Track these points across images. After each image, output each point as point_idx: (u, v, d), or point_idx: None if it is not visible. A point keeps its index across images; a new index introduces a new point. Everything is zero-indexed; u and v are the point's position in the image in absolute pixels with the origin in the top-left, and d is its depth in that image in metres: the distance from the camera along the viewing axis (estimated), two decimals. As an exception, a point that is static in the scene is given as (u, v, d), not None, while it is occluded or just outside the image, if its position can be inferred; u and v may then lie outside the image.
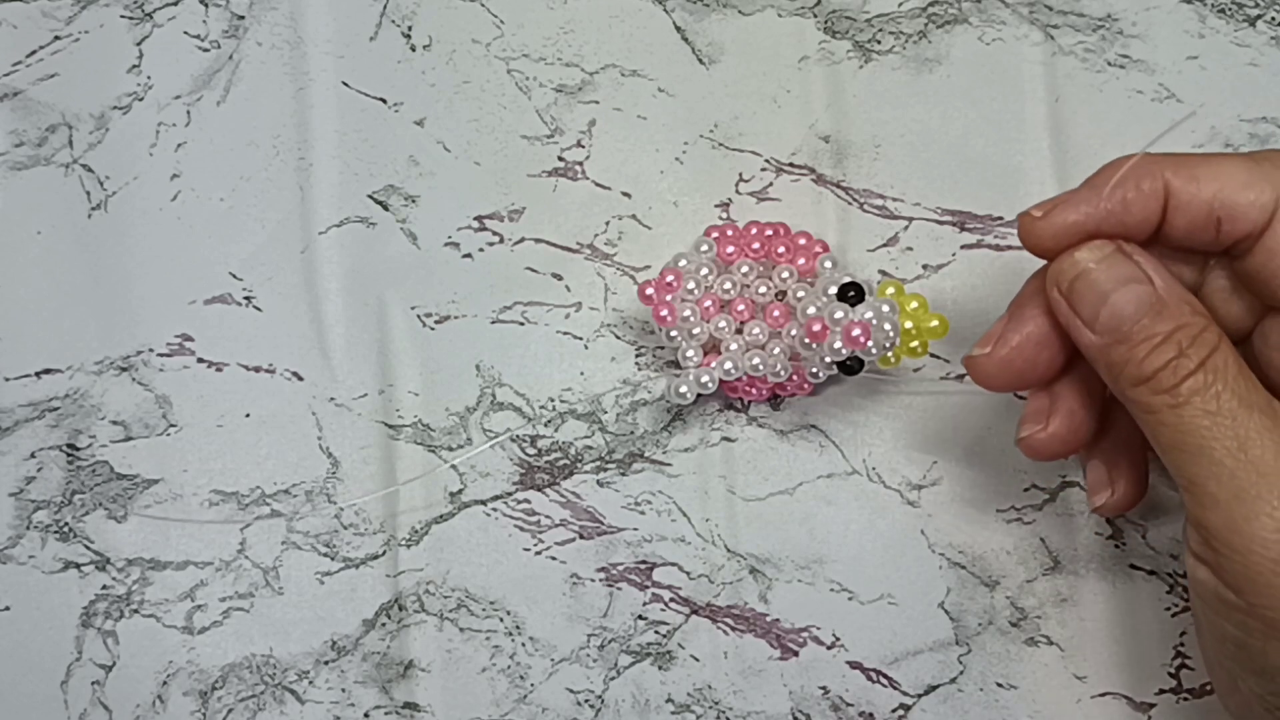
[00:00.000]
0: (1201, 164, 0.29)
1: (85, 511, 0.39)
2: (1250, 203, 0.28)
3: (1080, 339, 0.29)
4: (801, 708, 0.37)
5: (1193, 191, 0.29)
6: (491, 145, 0.40)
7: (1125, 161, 0.29)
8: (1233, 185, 0.28)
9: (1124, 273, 0.29)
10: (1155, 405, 0.28)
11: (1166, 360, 0.28)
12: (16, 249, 0.40)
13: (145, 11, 0.41)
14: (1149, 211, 0.29)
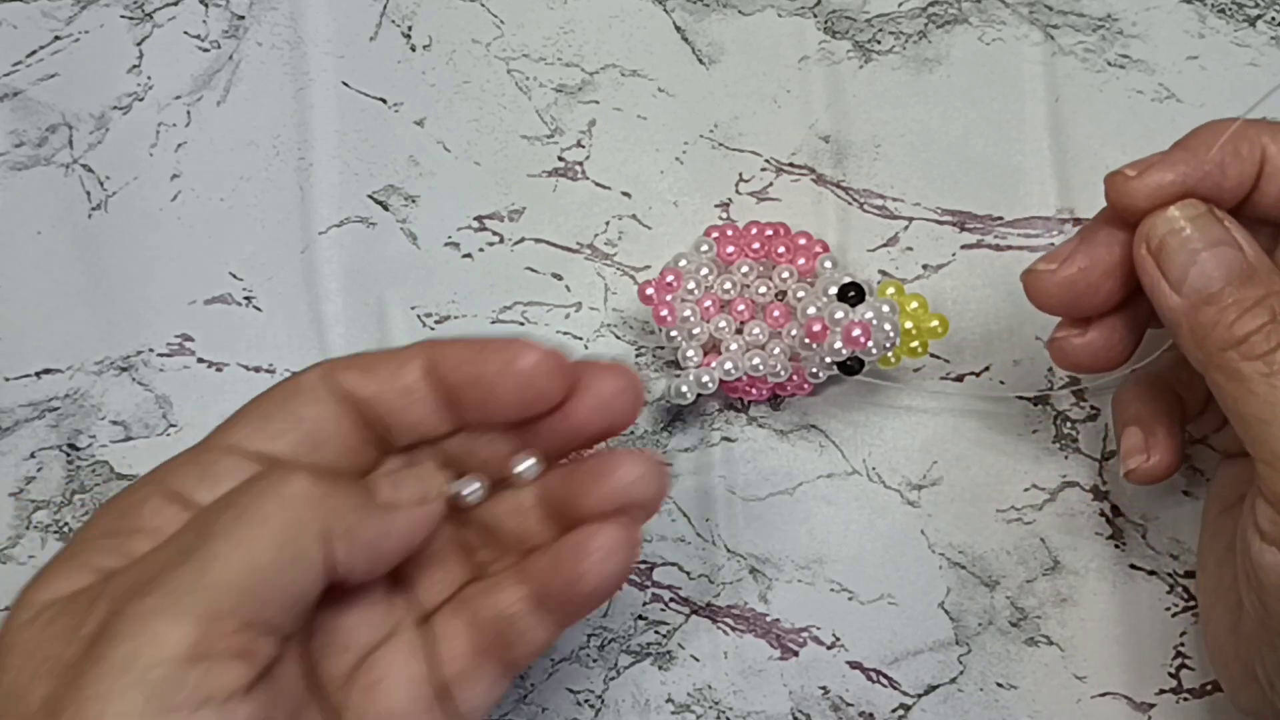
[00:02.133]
0: None
1: (85, 511, 0.39)
2: None
3: (1164, 302, 0.28)
4: (801, 708, 0.37)
5: None
6: (491, 145, 0.40)
7: (1224, 125, 0.29)
8: None
9: (1215, 234, 0.28)
10: (1246, 372, 0.27)
11: (1260, 324, 0.27)
12: (16, 249, 0.40)
13: (145, 11, 0.41)
14: (1245, 176, 0.28)
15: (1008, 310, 0.38)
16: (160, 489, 0.26)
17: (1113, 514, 0.37)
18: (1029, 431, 0.37)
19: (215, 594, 0.22)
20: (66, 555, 0.26)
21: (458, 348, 0.28)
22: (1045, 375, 0.37)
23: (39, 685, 0.22)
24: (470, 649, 0.28)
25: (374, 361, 0.28)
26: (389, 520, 0.26)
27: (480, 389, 0.27)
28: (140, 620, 0.22)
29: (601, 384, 0.28)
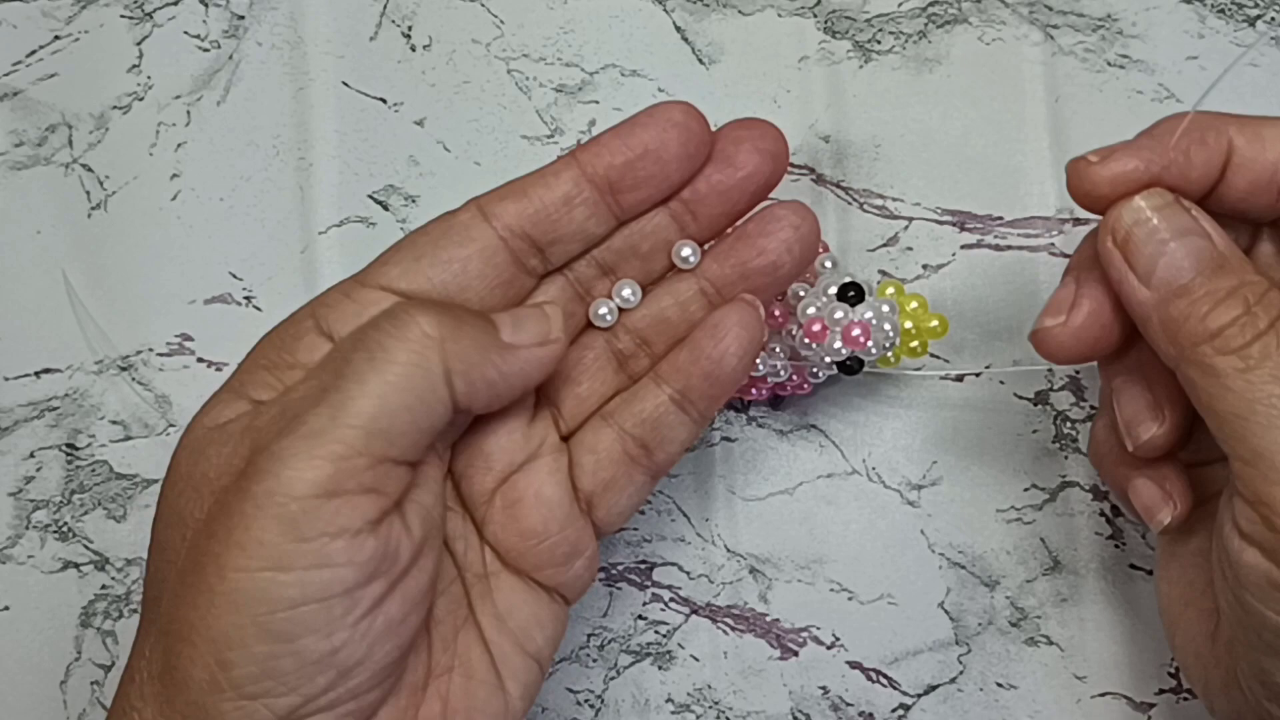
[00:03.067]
0: (1268, 125, 0.27)
1: (84, 511, 0.39)
2: None
3: (1132, 296, 0.27)
4: (801, 708, 0.37)
5: (1257, 151, 0.27)
6: (491, 145, 0.40)
7: (1185, 116, 0.28)
8: None
9: (1183, 224, 0.27)
10: (1221, 367, 0.26)
11: (1234, 316, 0.26)
12: (16, 249, 0.40)
13: (145, 11, 0.41)
14: (1210, 167, 0.28)
15: (1008, 310, 0.38)
16: (316, 325, 0.27)
17: (1113, 514, 0.37)
18: (1029, 431, 0.37)
19: (347, 435, 0.24)
20: (230, 385, 0.28)
21: (607, 138, 0.29)
22: (1045, 375, 0.37)
23: (198, 507, 0.25)
24: (615, 459, 0.30)
25: (527, 184, 0.29)
26: (507, 362, 0.27)
27: (645, 161, 0.29)
28: (279, 459, 0.24)
29: (742, 144, 0.29)
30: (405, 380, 0.25)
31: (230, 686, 0.24)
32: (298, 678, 0.24)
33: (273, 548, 0.24)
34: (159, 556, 0.27)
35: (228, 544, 0.24)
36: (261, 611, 0.24)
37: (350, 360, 0.25)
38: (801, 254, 0.30)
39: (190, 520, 0.26)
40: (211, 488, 0.26)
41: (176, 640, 0.25)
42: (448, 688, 0.29)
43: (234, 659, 0.24)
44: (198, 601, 0.24)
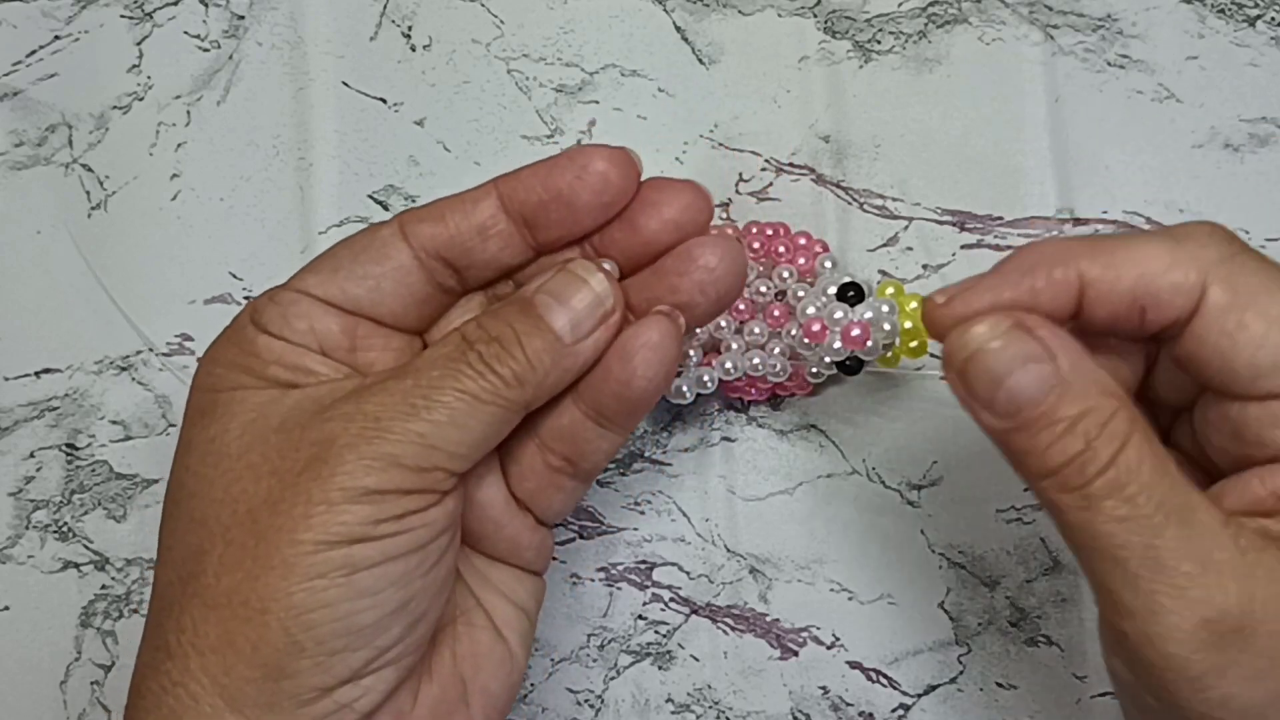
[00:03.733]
0: (1120, 248, 0.26)
1: (84, 511, 0.39)
2: (1175, 288, 0.25)
3: (982, 423, 0.27)
4: (801, 708, 0.37)
5: (1111, 280, 0.26)
6: (491, 145, 0.40)
7: (1040, 248, 0.27)
8: (1155, 270, 0.26)
9: (1023, 351, 0.26)
10: (1063, 504, 0.25)
11: (1073, 454, 0.25)
12: (16, 249, 0.40)
13: (145, 11, 0.41)
14: (1061, 302, 0.27)
15: (1008, 310, 0.38)
16: (258, 328, 0.29)
17: (1113, 514, 0.37)
18: (1029, 431, 0.37)
19: (433, 455, 0.27)
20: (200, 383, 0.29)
21: (526, 174, 0.29)
22: (1045, 375, 0.37)
23: (254, 486, 0.27)
24: (538, 470, 0.31)
25: (446, 207, 0.29)
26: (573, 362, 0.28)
27: (558, 205, 0.29)
28: (368, 461, 0.26)
29: (671, 197, 0.29)
30: (492, 421, 0.27)
31: (313, 643, 0.26)
32: (375, 630, 0.26)
33: (356, 527, 0.26)
34: (195, 531, 0.27)
35: (307, 523, 0.26)
36: (344, 573, 0.26)
37: (444, 386, 0.27)
38: (718, 295, 0.30)
39: (243, 498, 0.27)
40: (273, 468, 0.27)
41: (242, 610, 0.26)
42: (453, 638, 0.30)
43: (317, 619, 0.26)
44: (270, 575, 0.26)
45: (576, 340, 0.28)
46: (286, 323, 0.29)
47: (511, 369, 0.27)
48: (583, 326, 0.28)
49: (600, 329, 0.28)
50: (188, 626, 0.27)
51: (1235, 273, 0.25)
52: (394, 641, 0.27)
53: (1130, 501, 0.24)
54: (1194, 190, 0.38)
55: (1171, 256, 0.26)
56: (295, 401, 0.28)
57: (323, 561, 0.26)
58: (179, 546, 0.28)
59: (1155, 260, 0.26)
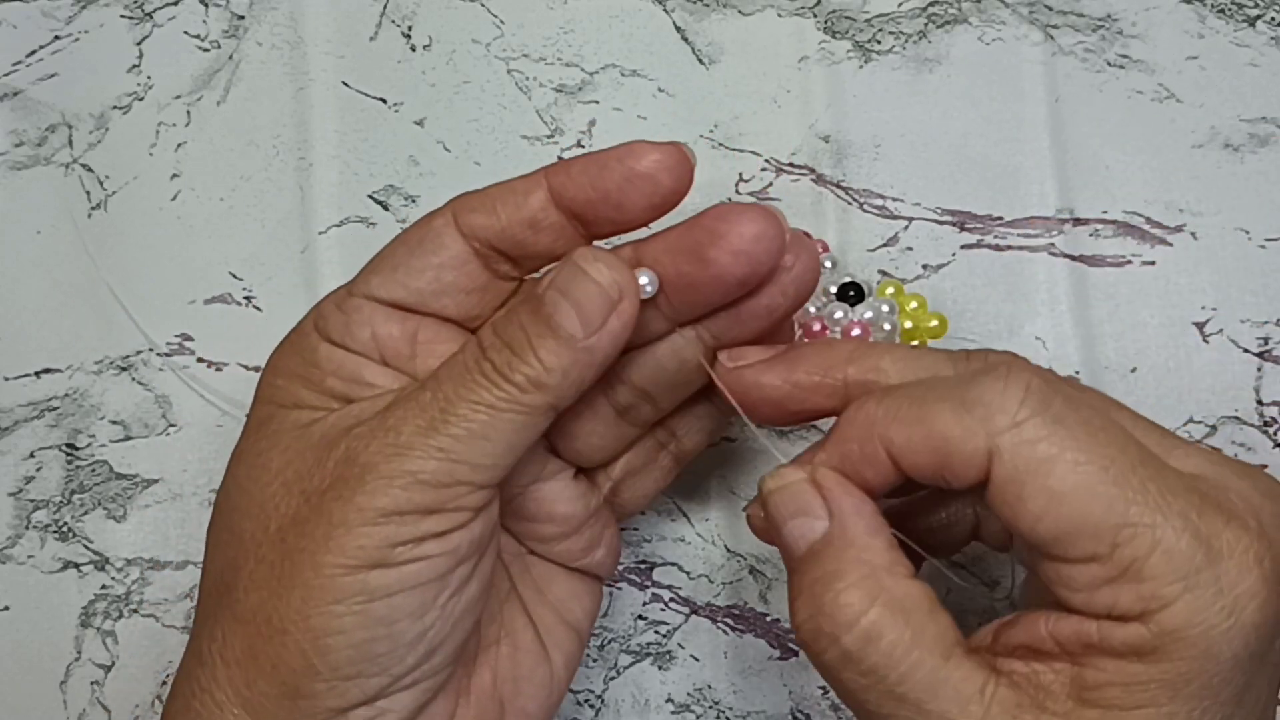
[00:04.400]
0: (915, 419, 0.26)
1: (84, 511, 0.39)
2: (964, 460, 0.25)
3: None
4: (801, 708, 0.37)
5: (912, 450, 0.26)
6: (491, 145, 0.40)
7: (852, 417, 0.27)
8: (948, 438, 0.26)
9: (799, 505, 0.27)
10: (823, 669, 0.27)
11: (810, 614, 0.26)
12: (16, 249, 0.40)
13: (145, 11, 0.41)
14: (876, 468, 0.27)
15: (1008, 310, 0.38)
16: (322, 335, 0.29)
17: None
18: (1029, 431, 0.37)
19: (457, 471, 0.26)
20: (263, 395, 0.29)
21: (576, 170, 0.28)
22: (1045, 375, 0.37)
23: (285, 503, 0.27)
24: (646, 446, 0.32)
25: (498, 197, 0.28)
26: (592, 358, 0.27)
27: (606, 206, 0.28)
28: (388, 479, 0.26)
29: (739, 226, 0.27)
30: (513, 429, 0.27)
31: (327, 669, 0.26)
32: (390, 659, 0.26)
33: (373, 551, 0.26)
34: (233, 544, 0.28)
35: (326, 545, 0.26)
36: (360, 601, 0.26)
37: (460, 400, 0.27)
38: (797, 293, 0.29)
39: (274, 514, 0.27)
40: (302, 486, 0.27)
41: (265, 628, 0.26)
42: (496, 658, 0.30)
43: (332, 644, 0.26)
44: (291, 595, 0.26)
45: (589, 335, 0.27)
46: (349, 331, 0.28)
47: (525, 374, 0.27)
48: (593, 321, 0.27)
49: (613, 318, 0.27)
50: (218, 637, 0.27)
51: (1020, 441, 0.25)
52: (409, 669, 0.27)
53: (869, 674, 0.25)
54: (1194, 190, 0.38)
55: (961, 427, 0.25)
56: (337, 419, 0.28)
57: (341, 586, 0.26)
58: (219, 557, 0.28)
59: (945, 431, 0.25)
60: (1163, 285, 0.37)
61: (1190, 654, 0.24)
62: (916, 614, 0.26)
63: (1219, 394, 0.37)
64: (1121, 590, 0.24)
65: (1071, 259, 0.38)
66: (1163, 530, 0.24)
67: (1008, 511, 0.25)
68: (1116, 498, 0.24)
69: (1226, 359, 0.37)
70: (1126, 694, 0.24)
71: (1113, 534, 0.24)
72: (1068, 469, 0.24)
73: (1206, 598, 0.24)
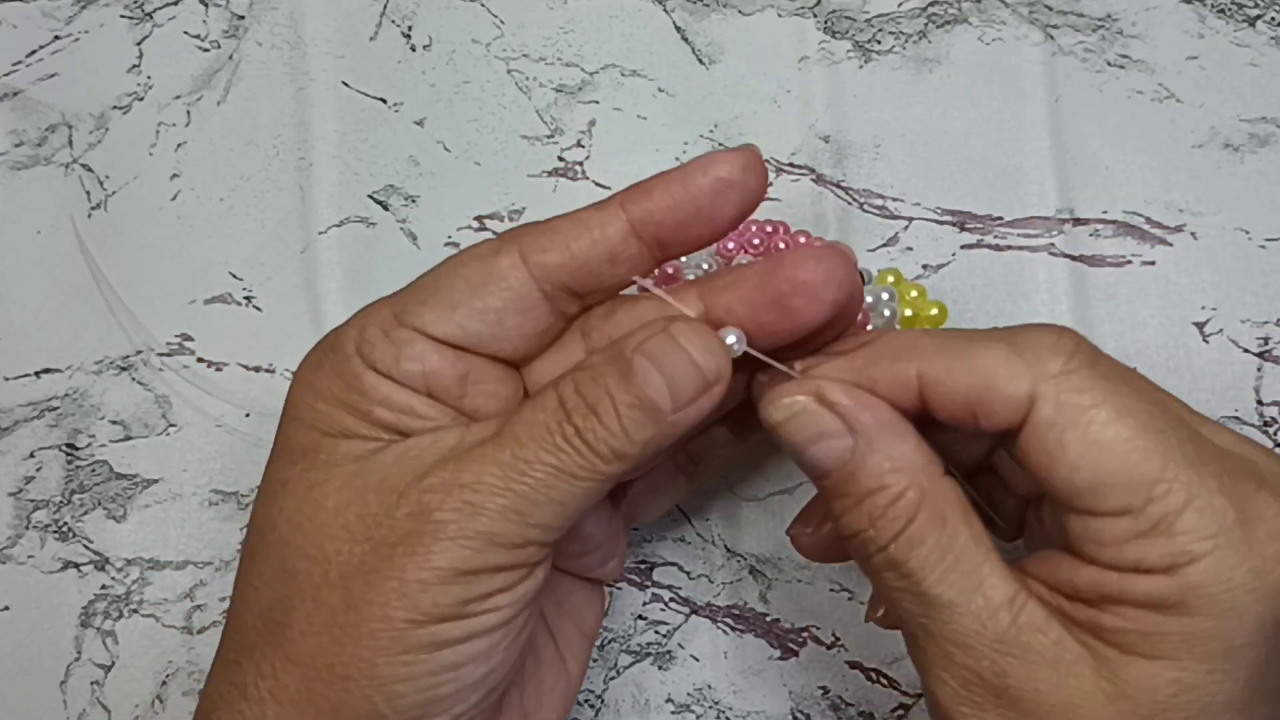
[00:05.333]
0: (961, 351, 0.26)
1: (84, 511, 0.39)
2: (1004, 399, 0.25)
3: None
4: (801, 708, 0.37)
5: (947, 383, 0.26)
6: (491, 145, 0.40)
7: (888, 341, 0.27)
8: (988, 379, 0.25)
9: (818, 426, 0.26)
10: (865, 567, 0.27)
11: (858, 529, 0.26)
12: (16, 249, 0.40)
13: (145, 11, 0.41)
14: (899, 395, 0.27)
15: (1008, 310, 0.38)
16: (366, 363, 0.27)
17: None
18: (1029, 431, 0.37)
19: (528, 532, 0.26)
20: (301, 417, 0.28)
21: (659, 189, 0.27)
22: (1045, 375, 0.37)
23: (348, 548, 0.26)
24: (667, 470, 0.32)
25: (569, 234, 0.27)
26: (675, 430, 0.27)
27: (697, 223, 0.27)
28: (464, 541, 0.25)
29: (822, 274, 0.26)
30: (587, 495, 0.26)
31: (394, 713, 0.26)
32: (454, 699, 0.26)
33: (446, 608, 0.26)
34: (285, 582, 0.27)
35: (400, 600, 0.25)
36: (430, 650, 0.26)
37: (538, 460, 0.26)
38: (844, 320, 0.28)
39: (335, 559, 0.26)
40: (368, 534, 0.26)
41: (326, 674, 0.26)
42: (522, 676, 0.31)
43: (401, 690, 0.26)
44: (358, 645, 0.26)
45: (677, 409, 0.26)
46: (398, 364, 0.27)
47: (609, 446, 0.26)
48: (683, 396, 0.26)
49: (704, 399, 0.26)
50: (268, 674, 0.27)
51: (1065, 390, 0.25)
52: (471, 707, 0.27)
53: (908, 577, 0.26)
54: (1194, 190, 0.38)
55: (1008, 367, 0.25)
56: (396, 458, 0.27)
57: (411, 639, 0.25)
58: (265, 590, 0.27)
59: (991, 368, 0.25)
60: (1163, 285, 0.37)
61: (1214, 610, 0.24)
62: (953, 514, 0.26)
63: (1219, 394, 0.37)
64: (1151, 544, 0.24)
65: (1071, 259, 0.38)
66: (1197, 488, 0.24)
67: (1044, 459, 0.25)
68: (1155, 452, 0.24)
69: (1226, 359, 0.37)
70: (1145, 641, 0.24)
71: (1149, 488, 0.24)
72: (1110, 420, 0.25)
73: (1235, 558, 0.24)
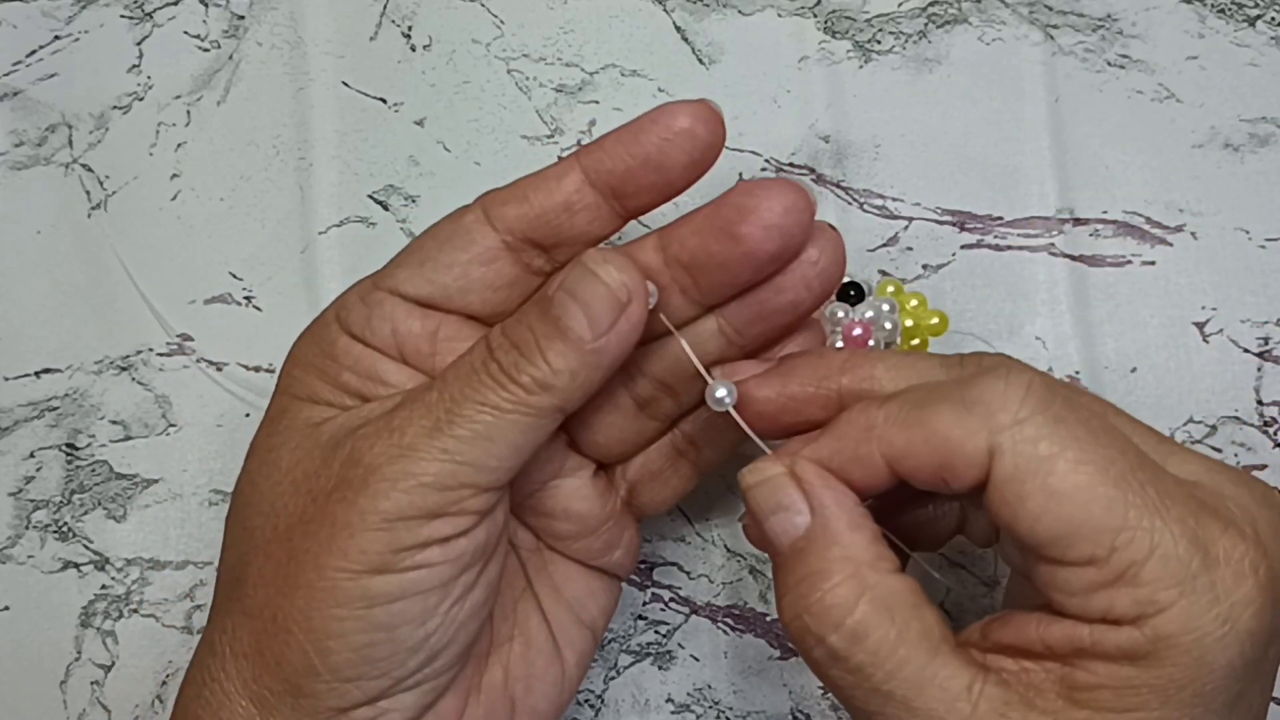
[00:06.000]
0: (914, 422, 0.26)
1: (84, 511, 0.39)
2: (965, 460, 0.25)
3: None
4: (801, 708, 0.37)
5: (911, 455, 0.26)
6: (491, 145, 0.40)
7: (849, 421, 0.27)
8: (949, 438, 0.25)
9: (778, 500, 0.27)
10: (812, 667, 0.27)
11: (797, 613, 0.26)
12: (16, 249, 0.40)
13: (145, 11, 0.41)
14: (866, 471, 0.27)
15: (1008, 310, 0.38)
16: (342, 327, 0.29)
17: (1113, 514, 0.37)
18: (1029, 431, 0.37)
19: (460, 472, 0.26)
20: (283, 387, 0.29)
21: (609, 142, 0.28)
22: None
23: (294, 502, 0.27)
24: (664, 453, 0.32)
25: (529, 186, 0.28)
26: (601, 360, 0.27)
27: (646, 170, 0.28)
28: (388, 480, 0.26)
29: (769, 201, 0.27)
30: (517, 430, 0.26)
31: (327, 670, 0.26)
32: (391, 663, 0.26)
33: (375, 556, 0.26)
34: (245, 540, 0.28)
35: (330, 548, 0.26)
36: (361, 606, 0.26)
37: (466, 401, 0.26)
38: (822, 287, 0.29)
39: (283, 513, 0.27)
40: (310, 486, 0.27)
41: (270, 625, 0.26)
42: (509, 656, 0.31)
43: (333, 647, 0.26)
44: (295, 595, 0.26)
45: (598, 337, 0.27)
46: (369, 324, 0.28)
47: (532, 376, 0.26)
48: (601, 323, 0.27)
49: (621, 321, 0.27)
50: (228, 629, 0.27)
51: (1020, 440, 0.24)
52: (411, 672, 0.27)
53: (856, 673, 0.25)
54: (1194, 190, 0.38)
55: (962, 427, 0.25)
56: (346, 418, 0.28)
57: (343, 590, 0.26)
58: (233, 550, 0.29)
59: (945, 432, 0.25)
60: (1163, 285, 0.37)
61: (1184, 660, 0.24)
62: (901, 610, 0.25)
63: (1219, 394, 0.37)
64: (1117, 594, 0.24)
65: (1071, 259, 0.38)
66: (1161, 534, 0.24)
67: (1007, 512, 0.25)
68: (1116, 499, 0.24)
69: (1226, 359, 0.37)
70: (1117, 697, 0.24)
71: (1112, 536, 0.24)
72: (1069, 468, 0.24)
73: (1202, 604, 0.24)
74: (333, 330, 0.29)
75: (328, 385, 0.28)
